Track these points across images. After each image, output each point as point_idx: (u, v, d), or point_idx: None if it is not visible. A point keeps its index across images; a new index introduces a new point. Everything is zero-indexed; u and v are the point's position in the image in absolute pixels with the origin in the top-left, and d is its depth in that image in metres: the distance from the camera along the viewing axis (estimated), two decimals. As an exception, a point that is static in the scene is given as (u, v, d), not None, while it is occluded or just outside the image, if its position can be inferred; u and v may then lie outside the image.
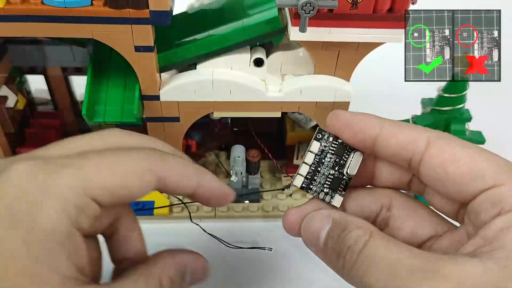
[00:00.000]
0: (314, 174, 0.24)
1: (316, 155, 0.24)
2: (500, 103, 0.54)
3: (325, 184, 0.24)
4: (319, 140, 0.24)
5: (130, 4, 0.27)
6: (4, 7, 0.27)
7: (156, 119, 0.34)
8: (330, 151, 0.24)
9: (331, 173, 0.24)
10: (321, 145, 0.24)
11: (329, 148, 0.24)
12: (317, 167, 0.24)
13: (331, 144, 0.24)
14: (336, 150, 0.24)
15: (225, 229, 0.39)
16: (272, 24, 0.31)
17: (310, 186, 0.24)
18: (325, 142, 0.24)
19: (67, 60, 0.37)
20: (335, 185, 0.24)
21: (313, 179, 0.24)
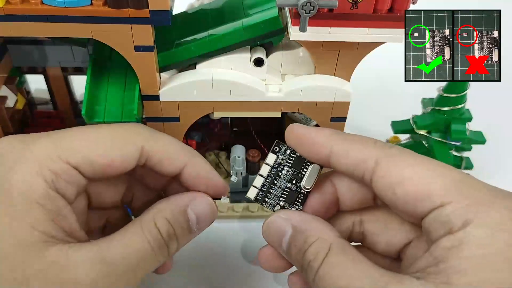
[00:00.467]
0: (269, 186, 0.24)
1: (272, 167, 0.24)
2: (500, 103, 0.54)
3: (281, 197, 0.24)
4: (276, 153, 0.24)
5: (130, 3, 0.27)
6: (4, 6, 0.27)
7: (156, 119, 0.34)
8: (288, 164, 0.24)
9: (288, 186, 0.24)
10: (278, 158, 0.24)
11: (286, 161, 0.24)
12: (273, 180, 0.24)
13: (289, 157, 0.24)
14: (293, 163, 0.24)
15: (225, 229, 0.39)
16: (272, 24, 0.31)
17: (265, 199, 0.24)
18: (282, 155, 0.24)
19: (67, 60, 0.37)
20: (291, 198, 0.24)
21: (269, 191, 0.24)
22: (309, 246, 0.21)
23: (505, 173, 0.46)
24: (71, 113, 0.42)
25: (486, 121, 0.42)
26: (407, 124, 0.41)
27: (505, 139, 0.49)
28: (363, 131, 0.46)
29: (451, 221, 0.19)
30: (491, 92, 0.47)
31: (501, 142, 0.48)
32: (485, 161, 0.44)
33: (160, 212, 0.23)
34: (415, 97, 0.42)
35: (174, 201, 0.23)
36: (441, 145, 0.39)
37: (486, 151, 0.42)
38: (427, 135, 0.40)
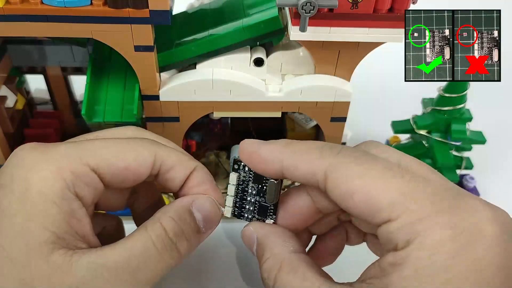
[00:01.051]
0: (242, 202, 0.25)
1: (238, 185, 0.25)
2: (500, 103, 0.54)
3: (255, 210, 0.25)
4: (236, 170, 0.24)
5: (130, 3, 0.27)
6: (4, 6, 0.27)
7: (156, 119, 0.34)
8: (250, 180, 0.24)
9: (257, 199, 0.24)
10: (240, 175, 0.24)
11: (248, 177, 0.24)
12: (242, 196, 0.25)
13: (249, 173, 0.24)
14: (253, 178, 0.24)
15: (225, 228, 0.38)
16: (272, 24, 0.31)
17: (242, 213, 0.25)
18: (243, 172, 0.24)
19: (66, 59, 0.37)
20: (263, 211, 0.24)
21: (243, 206, 0.25)
22: (264, 262, 0.22)
23: (505, 173, 0.46)
24: (71, 113, 0.42)
25: (486, 121, 0.42)
26: (407, 124, 0.41)
27: (505, 139, 0.49)
28: (363, 131, 0.46)
29: (396, 238, 0.19)
30: (491, 92, 0.47)
31: (501, 142, 0.48)
32: (485, 161, 0.44)
33: (165, 213, 0.23)
34: (415, 97, 0.42)
35: (178, 202, 0.24)
36: (442, 145, 0.39)
37: (486, 151, 0.42)
38: (427, 135, 0.40)
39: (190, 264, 0.36)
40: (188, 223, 0.23)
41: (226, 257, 0.37)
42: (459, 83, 0.37)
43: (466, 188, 0.42)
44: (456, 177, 0.40)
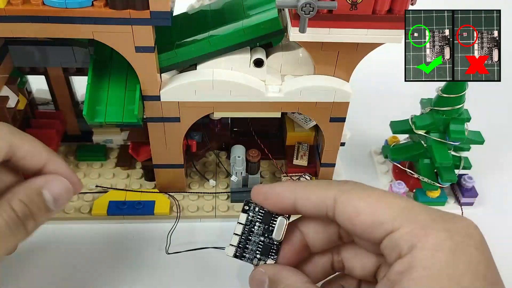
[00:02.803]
0: (246, 242, 0.26)
1: (245, 225, 0.26)
2: (500, 103, 0.54)
3: (257, 251, 0.26)
4: (247, 211, 0.26)
5: (131, 5, 0.27)
6: (5, 7, 0.27)
7: (156, 119, 0.34)
8: (258, 220, 0.26)
9: (262, 240, 0.26)
10: (249, 216, 0.26)
11: (257, 217, 0.26)
12: (247, 236, 0.26)
13: (258, 214, 0.26)
14: (262, 218, 0.26)
15: (225, 228, 0.39)
16: (272, 25, 0.31)
17: (244, 254, 0.26)
18: (252, 213, 0.26)
19: (68, 60, 0.37)
20: (266, 251, 0.26)
21: (246, 247, 0.26)
22: None
23: (503, 173, 0.46)
24: (72, 113, 0.42)
25: (485, 121, 0.42)
26: (406, 124, 0.41)
27: (503, 139, 0.49)
28: (362, 131, 0.46)
29: (399, 246, 0.21)
30: (489, 93, 0.48)
31: (500, 142, 0.48)
32: (484, 161, 0.44)
33: (14, 195, 0.25)
34: (414, 98, 0.42)
35: (28, 184, 0.25)
36: (440, 145, 0.39)
37: (485, 151, 0.43)
38: (426, 135, 0.40)
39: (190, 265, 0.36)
40: (37, 204, 0.25)
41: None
42: (458, 83, 0.37)
43: (465, 187, 0.42)
44: (454, 177, 0.40)
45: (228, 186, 0.41)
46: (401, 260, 0.21)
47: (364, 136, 0.47)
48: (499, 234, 0.40)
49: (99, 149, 0.43)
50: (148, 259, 0.36)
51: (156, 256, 0.36)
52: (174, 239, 0.36)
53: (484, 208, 0.42)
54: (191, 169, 0.42)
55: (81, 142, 0.43)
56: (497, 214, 0.42)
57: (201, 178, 0.41)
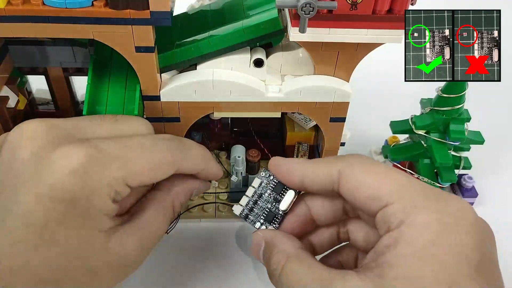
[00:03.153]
0: (253, 206, 0.28)
1: (256, 190, 0.28)
2: (500, 103, 0.54)
3: (261, 216, 0.28)
4: (261, 177, 0.28)
5: (131, 5, 0.27)
6: (5, 7, 0.27)
7: (156, 120, 0.34)
8: (270, 188, 0.28)
9: (268, 207, 0.28)
10: (263, 182, 0.28)
11: (270, 185, 0.28)
12: (256, 200, 0.28)
13: (272, 182, 0.28)
14: (274, 187, 0.28)
15: (225, 228, 0.39)
16: (272, 25, 0.31)
17: (248, 216, 0.28)
18: (266, 180, 0.28)
19: (68, 60, 0.37)
20: (269, 218, 0.28)
21: (252, 209, 0.28)
22: (272, 257, 0.25)
23: (503, 173, 0.46)
24: (72, 113, 0.42)
25: (485, 121, 0.42)
26: (406, 124, 0.41)
27: (504, 139, 0.49)
28: (363, 131, 0.46)
29: (390, 221, 0.22)
30: (489, 93, 0.48)
31: (500, 142, 0.48)
32: (484, 161, 0.44)
33: (178, 197, 0.28)
34: (414, 98, 0.42)
35: (187, 185, 0.29)
36: (440, 145, 0.39)
37: (485, 151, 0.43)
38: (426, 135, 0.40)
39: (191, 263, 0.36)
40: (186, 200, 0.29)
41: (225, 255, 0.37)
42: (458, 83, 0.37)
43: (465, 187, 0.42)
44: (454, 177, 0.40)
45: (228, 186, 0.41)
46: (388, 234, 0.22)
47: (364, 136, 0.47)
48: (499, 234, 0.40)
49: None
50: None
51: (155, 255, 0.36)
52: (174, 239, 0.36)
53: (484, 208, 0.42)
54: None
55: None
56: (497, 214, 0.42)
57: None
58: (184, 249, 0.37)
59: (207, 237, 0.38)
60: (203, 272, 0.36)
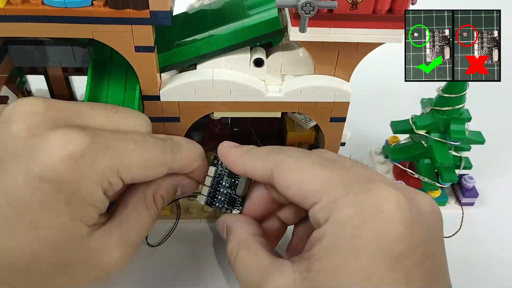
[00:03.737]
0: (215, 193, 0.30)
1: (214, 178, 0.29)
2: (500, 103, 0.54)
3: (225, 201, 0.29)
4: (215, 165, 0.30)
5: (131, 4, 0.27)
6: (5, 7, 0.27)
7: (156, 119, 0.34)
8: (225, 174, 0.29)
9: (229, 192, 0.29)
10: (217, 170, 0.29)
11: (224, 171, 0.29)
12: (216, 188, 0.29)
13: (225, 169, 0.29)
14: (229, 173, 0.29)
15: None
16: (272, 25, 0.31)
17: (214, 203, 0.30)
18: (221, 167, 0.29)
19: (67, 60, 0.37)
20: (232, 202, 0.29)
21: (215, 197, 0.30)
22: (229, 243, 0.27)
23: (504, 173, 0.46)
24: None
25: (485, 121, 0.42)
26: (406, 124, 0.41)
27: (504, 139, 0.49)
28: (363, 131, 0.46)
29: (317, 218, 0.23)
30: (490, 92, 0.48)
31: (500, 142, 0.48)
32: (484, 161, 0.44)
33: (159, 189, 0.28)
34: (414, 97, 0.42)
35: (171, 180, 0.29)
36: (440, 145, 0.39)
37: (485, 151, 0.43)
38: (426, 135, 0.40)
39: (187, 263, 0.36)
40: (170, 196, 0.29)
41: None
42: (458, 83, 0.37)
43: (465, 188, 0.42)
44: (455, 177, 0.40)
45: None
46: (317, 230, 0.23)
47: (364, 136, 0.47)
48: (500, 234, 0.40)
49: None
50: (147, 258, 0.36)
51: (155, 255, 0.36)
52: (174, 239, 0.36)
53: (485, 208, 0.42)
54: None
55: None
56: (498, 214, 0.42)
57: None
58: (184, 249, 0.37)
59: (207, 237, 0.38)
60: (203, 272, 0.35)
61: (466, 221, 0.40)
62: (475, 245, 0.38)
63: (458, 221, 0.40)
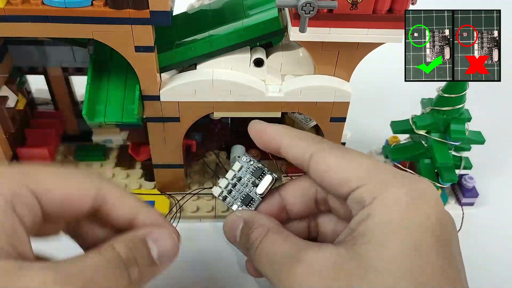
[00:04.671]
0: (231, 188, 0.29)
1: (236, 173, 0.29)
2: (500, 103, 0.54)
3: (239, 199, 0.29)
4: (242, 162, 0.29)
5: (131, 4, 0.27)
6: (5, 7, 0.27)
7: (156, 119, 0.34)
8: (250, 172, 0.29)
9: (246, 190, 0.29)
10: (243, 166, 0.29)
11: (249, 170, 0.29)
12: (235, 183, 0.29)
13: (251, 167, 0.29)
14: (253, 172, 0.29)
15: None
16: (272, 25, 0.31)
17: (226, 197, 0.29)
18: (247, 164, 0.29)
19: (67, 60, 0.37)
20: (246, 201, 0.29)
21: (230, 192, 0.29)
22: (254, 230, 0.26)
23: (504, 173, 0.46)
24: (71, 113, 0.42)
25: (485, 121, 0.42)
26: (406, 124, 0.41)
27: (504, 139, 0.49)
28: (363, 131, 0.46)
29: (363, 199, 0.24)
30: (490, 92, 0.48)
31: (500, 142, 0.48)
32: (484, 161, 0.44)
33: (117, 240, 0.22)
34: (414, 97, 0.42)
35: (132, 232, 0.23)
36: (441, 145, 0.39)
37: (485, 151, 0.43)
38: (427, 135, 0.40)
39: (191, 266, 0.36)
40: (141, 252, 0.22)
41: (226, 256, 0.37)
42: (458, 83, 0.37)
43: (465, 188, 0.42)
44: (455, 177, 0.40)
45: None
46: (361, 211, 0.23)
47: (364, 136, 0.47)
48: (500, 234, 0.40)
49: (98, 149, 0.42)
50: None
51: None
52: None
53: (485, 208, 0.42)
54: (191, 169, 0.42)
55: (80, 142, 0.43)
56: (498, 214, 0.42)
57: (200, 178, 0.41)
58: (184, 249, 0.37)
59: (207, 237, 0.38)
60: (203, 272, 0.35)
61: (466, 221, 0.40)
62: (475, 245, 0.38)
63: (458, 221, 0.40)
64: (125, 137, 0.43)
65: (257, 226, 0.26)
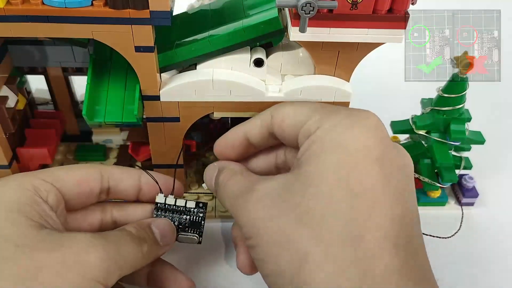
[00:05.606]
0: None
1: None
2: (500, 103, 0.54)
3: None
4: None
5: (131, 4, 0.27)
6: (5, 7, 0.27)
7: (156, 119, 0.34)
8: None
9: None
10: None
11: None
12: None
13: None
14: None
15: (225, 228, 0.39)
16: (272, 25, 0.31)
17: None
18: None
19: (67, 60, 0.37)
20: None
21: None
22: (220, 174, 0.29)
23: (504, 173, 0.46)
24: (71, 113, 0.42)
25: (485, 121, 0.42)
26: (406, 124, 0.41)
27: (504, 139, 0.49)
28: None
29: (309, 130, 0.26)
30: (490, 92, 0.48)
31: (500, 142, 0.48)
32: (484, 161, 0.44)
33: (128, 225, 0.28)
34: (414, 97, 0.42)
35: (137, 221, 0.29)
36: (441, 145, 0.39)
37: (485, 151, 0.43)
38: (427, 135, 0.40)
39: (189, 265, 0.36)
40: (148, 233, 0.28)
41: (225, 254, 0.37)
42: (458, 83, 0.37)
43: (465, 188, 0.42)
44: (455, 177, 0.40)
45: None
46: (307, 140, 0.25)
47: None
48: (500, 234, 0.40)
49: (98, 149, 0.42)
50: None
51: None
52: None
53: (485, 208, 0.42)
54: (191, 169, 0.42)
55: (80, 142, 0.43)
56: (498, 214, 0.42)
57: (201, 178, 0.41)
58: (184, 249, 0.37)
59: (207, 237, 0.38)
60: (202, 272, 0.35)
61: (466, 221, 0.40)
62: (475, 245, 0.38)
63: (458, 221, 0.40)
64: (125, 137, 0.43)
65: (226, 170, 0.29)
